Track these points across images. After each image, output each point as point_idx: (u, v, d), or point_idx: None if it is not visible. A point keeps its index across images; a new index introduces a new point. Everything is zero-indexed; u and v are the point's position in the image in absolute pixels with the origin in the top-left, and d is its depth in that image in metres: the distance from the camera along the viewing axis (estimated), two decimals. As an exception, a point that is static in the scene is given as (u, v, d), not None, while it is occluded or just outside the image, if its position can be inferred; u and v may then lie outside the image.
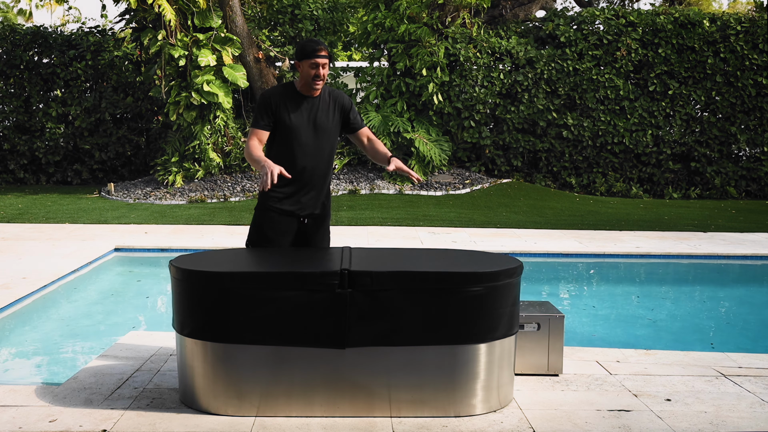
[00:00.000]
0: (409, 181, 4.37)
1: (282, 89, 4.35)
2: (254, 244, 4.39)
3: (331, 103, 4.37)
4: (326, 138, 4.35)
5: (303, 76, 4.26)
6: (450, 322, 3.77)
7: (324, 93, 4.37)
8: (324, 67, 4.21)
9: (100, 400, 4.00)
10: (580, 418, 3.83)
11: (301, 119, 4.28)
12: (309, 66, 4.20)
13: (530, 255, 8.64)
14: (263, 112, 4.29)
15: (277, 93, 4.32)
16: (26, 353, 5.71)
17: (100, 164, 16.02)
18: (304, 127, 4.28)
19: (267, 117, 4.28)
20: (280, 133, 4.30)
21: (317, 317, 3.73)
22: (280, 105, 4.28)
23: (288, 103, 4.28)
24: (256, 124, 4.32)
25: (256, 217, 4.40)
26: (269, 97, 4.31)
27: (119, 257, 8.65)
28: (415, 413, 3.81)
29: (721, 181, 15.03)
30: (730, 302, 7.85)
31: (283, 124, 4.27)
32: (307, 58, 4.20)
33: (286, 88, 4.35)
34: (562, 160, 15.18)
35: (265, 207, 4.35)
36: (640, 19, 14.97)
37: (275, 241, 4.34)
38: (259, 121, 4.30)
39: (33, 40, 16.02)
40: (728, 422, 3.80)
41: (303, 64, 4.22)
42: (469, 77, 14.81)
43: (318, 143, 4.32)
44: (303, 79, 4.27)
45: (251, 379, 3.79)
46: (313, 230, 4.44)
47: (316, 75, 4.20)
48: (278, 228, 4.34)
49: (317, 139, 4.31)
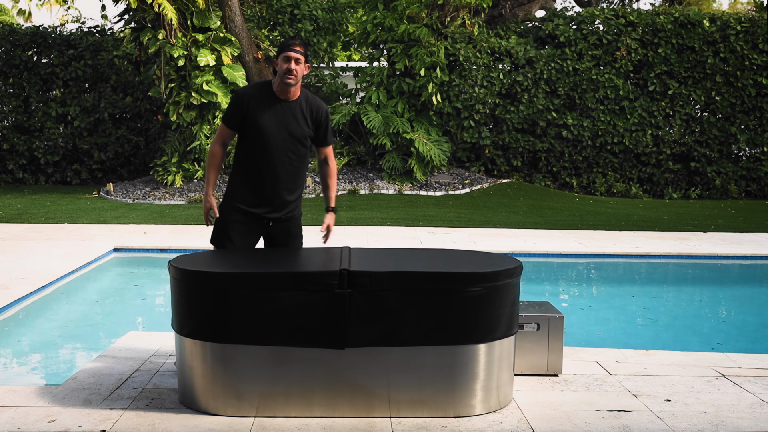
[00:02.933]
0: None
1: (257, 89, 4.28)
2: (217, 243, 4.33)
3: (306, 111, 4.28)
4: (296, 145, 4.26)
5: (279, 73, 4.20)
6: (449, 322, 3.76)
7: (302, 99, 4.28)
8: (297, 62, 4.14)
9: (99, 400, 4.00)
10: (579, 419, 3.82)
11: (272, 123, 4.20)
12: (283, 59, 4.17)
13: (530, 255, 8.63)
14: (235, 110, 4.24)
15: (250, 93, 4.26)
16: (25, 353, 5.70)
17: (99, 164, 16.01)
18: (275, 131, 4.20)
19: (237, 117, 4.23)
20: (249, 134, 4.23)
21: (316, 317, 3.73)
22: (253, 106, 4.20)
23: (261, 105, 4.21)
24: (224, 120, 4.31)
25: (220, 216, 4.34)
26: (242, 96, 4.25)
27: (118, 257, 8.65)
28: (415, 414, 3.80)
29: (721, 181, 15.02)
30: (730, 302, 7.85)
31: (253, 125, 4.20)
32: (281, 51, 4.18)
33: (262, 88, 4.28)
34: (562, 160, 15.17)
35: (231, 206, 4.31)
36: (639, 19, 14.97)
37: (238, 242, 4.27)
38: (227, 118, 4.28)
39: (32, 40, 16.01)
40: (728, 422, 3.80)
41: (279, 60, 4.20)
42: (469, 77, 14.80)
43: (288, 149, 4.23)
44: (278, 77, 4.21)
45: (250, 380, 3.78)
46: (278, 233, 4.38)
47: (288, 69, 4.13)
48: (241, 229, 4.28)
49: (287, 144, 4.23)
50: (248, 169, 4.27)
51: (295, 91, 4.24)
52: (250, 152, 4.26)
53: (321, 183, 4.60)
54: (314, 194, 13.61)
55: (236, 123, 4.24)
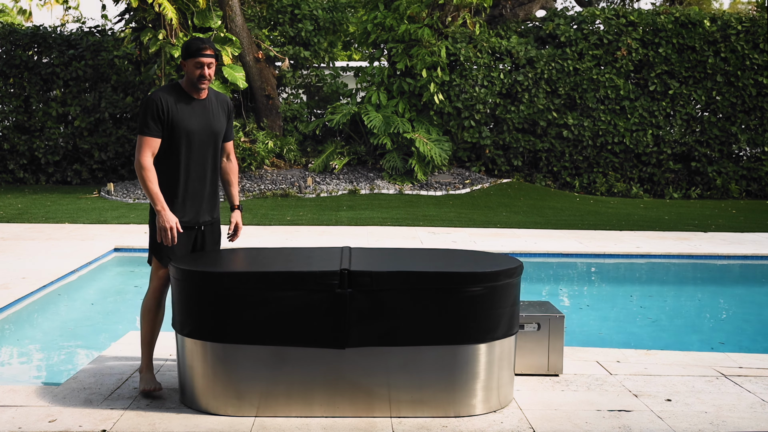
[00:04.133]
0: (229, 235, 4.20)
1: (170, 91, 4.03)
2: (157, 253, 4.07)
3: (218, 106, 4.16)
4: (218, 140, 4.15)
5: (188, 76, 4.01)
6: (450, 322, 3.76)
7: (211, 95, 4.15)
8: (210, 66, 3.98)
9: (100, 400, 4.00)
10: (580, 419, 3.82)
11: (196, 122, 4.02)
12: (194, 65, 3.96)
13: (530, 255, 8.63)
14: (154, 116, 3.94)
15: (165, 96, 4.00)
16: (26, 353, 5.71)
17: (99, 164, 16.02)
18: (199, 130, 4.03)
19: (158, 122, 3.95)
20: (173, 139, 4.00)
21: (317, 317, 3.73)
22: (172, 108, 3.98)
23: (180, 106, 4.00)
24: (147, 131, 3.95)
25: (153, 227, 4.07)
26: (159, 100, 3.96)
27: (119, 257, 8.64)
28: (415, 413, 3.80)
29: (722, 180, 15.02)
30: (731, 302, 7.84)
31: (178, 128, 3.98)
32: (192, 57, 3.96)
33: (173, 89, 4.05)
34: (563, 160, 15.17)
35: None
36: (640, 19, 14.96)
37: (174, 252, 4.03)
38: (151, 128, 3.94)
39: (33, 40, 16.02)
40: (728, 422, 3.80)
41: (188, 64, 3.98)
42: (469, 77, 14.80)
43: (210, 145, 4.11)
44: (188, 80, 4.03)
45: (251, 379, 3.78)
46: (207, 238, 4.23)
47: (201, 75, 3.97)
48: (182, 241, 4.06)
49: (210, 141, 4.10)
50: (174, 175, 4.04)
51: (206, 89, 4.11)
52: (175, 157, 4.02)
53: (223, 181, 4.37)
54: (314, 194, 13.60)
55: (158, 128, 3.95)
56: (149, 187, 3.94)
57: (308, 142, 15.54)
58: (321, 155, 14.81)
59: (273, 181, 14.09)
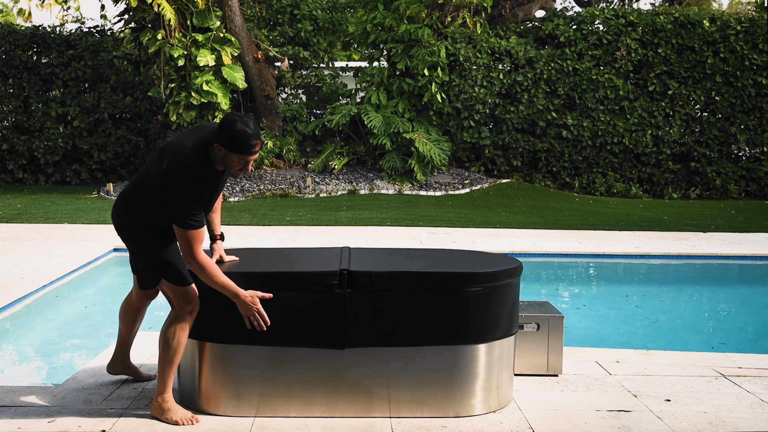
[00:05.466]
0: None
1: (199, 171, 3.61)
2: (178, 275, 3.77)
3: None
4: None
5: (224, 163, 3.63)
6: (449, 322, 3.76)
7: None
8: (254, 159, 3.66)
9: (99, 400, 4.00)
10: (579, 419, 3.82)
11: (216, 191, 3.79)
12: (239, 160, 3.60)
13: (529, 255, 8.63)
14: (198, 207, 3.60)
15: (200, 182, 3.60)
16: (25, 353, 5.70)
17: (99, 164, 16.01)
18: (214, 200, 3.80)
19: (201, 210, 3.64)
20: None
21: (316, 317, 3.73)
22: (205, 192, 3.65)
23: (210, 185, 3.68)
24: (195, 224, 3.57)
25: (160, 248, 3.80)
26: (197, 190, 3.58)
27: (118, 257, 8.64)
28: (415, 414, 3.80)
29: (721, 181, 15.02)
30: (730, 302, 7.85)
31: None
32: (238, 153, 3.57)
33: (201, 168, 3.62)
34: (562, 160, 15.17)
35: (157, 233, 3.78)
36: (639, 19, 14.97)
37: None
38: (197, 220, 3.58)
39: (32, 40, 16.01)
40: (728, 422, 3.80)
41: (232, 156, 3.58)
42: (469, 77, 14.80)
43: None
44: (223, 164, 3.65)
45: (250, 380, 3.78)
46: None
47: (241, 169, 3.64)
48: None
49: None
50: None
51: None
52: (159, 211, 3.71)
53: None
54: (314, 194, 13.61)
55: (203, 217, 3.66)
56: (217, 282, 3.62)
57: (308, 142, 15.54)
58: (320, 155, 14.81)
59: (272, 181, 14.09)
